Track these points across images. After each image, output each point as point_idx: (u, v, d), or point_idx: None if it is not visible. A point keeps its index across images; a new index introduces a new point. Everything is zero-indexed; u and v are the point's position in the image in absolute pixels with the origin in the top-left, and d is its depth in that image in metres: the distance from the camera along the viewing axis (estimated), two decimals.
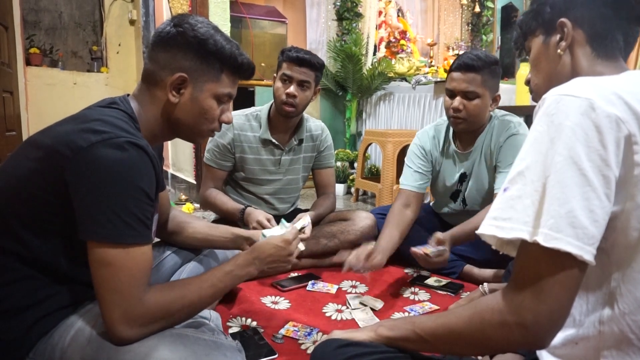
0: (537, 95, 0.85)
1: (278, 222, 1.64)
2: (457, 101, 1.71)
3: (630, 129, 0.58)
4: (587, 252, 0.57)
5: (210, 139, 1.90)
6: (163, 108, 0.98)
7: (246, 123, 1.94)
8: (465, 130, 1.80)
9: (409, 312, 1.57)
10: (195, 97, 0.98)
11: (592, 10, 0.74)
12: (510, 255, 0.67)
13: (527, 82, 0.87)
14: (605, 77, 0.67)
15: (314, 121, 2.10)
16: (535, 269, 0.59)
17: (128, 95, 1.00)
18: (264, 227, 1.65)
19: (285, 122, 1.93)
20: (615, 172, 0.58)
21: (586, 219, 0.57)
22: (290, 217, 2.02)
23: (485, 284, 1.01)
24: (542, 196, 0.59)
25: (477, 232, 0.65)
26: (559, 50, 0.77)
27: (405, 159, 1.97)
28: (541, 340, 0.60)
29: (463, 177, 1.89)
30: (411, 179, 1.90)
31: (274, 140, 1.94)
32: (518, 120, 1.81)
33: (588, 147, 0.58)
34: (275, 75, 1.91)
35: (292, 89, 1.82)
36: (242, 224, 1.77)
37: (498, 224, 0.62)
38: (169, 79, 0.96)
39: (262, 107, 1.99)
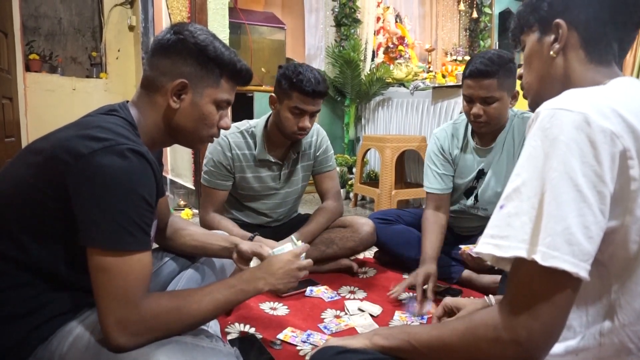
0: (527, 92, 0.84)
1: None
2: (477, 108, 1.69)
3: (625, 143, 0.58)
4: (582, 269, 0.56)
5: (207, 160, 1.85)
6: (163, 114, 0.99)
7: (243, 141, 1.85)
8: (488, 131, 1.79)
9: (408, 318, 1.57)
10: (196, 103, 1.00)
11: (589, 13, 0.72)
12: (506, 270, 0.66)
13: (520, 77, 0.86)
14: (599, 89, 0.66)
15: None
16: (530, 286, 0.59)
17: (127, 102, 1.01)
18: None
19: (284, 139, 1.85)
20: (610, 188, 0.58)
21: (582, 235, 0.57)
22: (290, 224, 2.02)
23: (491, 296, 1.02)
24: (538, 212, 0.59)
25: (474, 250, 0.65)
26: (551, 52, 0.76)
27: (426, 161, 1.96)
28: (535, 357, 0.60)
29: (481, 174, 1.88)
30: (436, 182, 1.90)
31: (271, 159, 1.87)
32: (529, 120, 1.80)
33: (583, 163, 0.57)
34: (274, 95, 1.79)
35: (307, 122, 1.74)
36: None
37: (496, 242, 0.62)
38: (169, 85, 0.96)
39: (256, 123, 1.88)
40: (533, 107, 0.83)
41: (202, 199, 1.92)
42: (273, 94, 1.79)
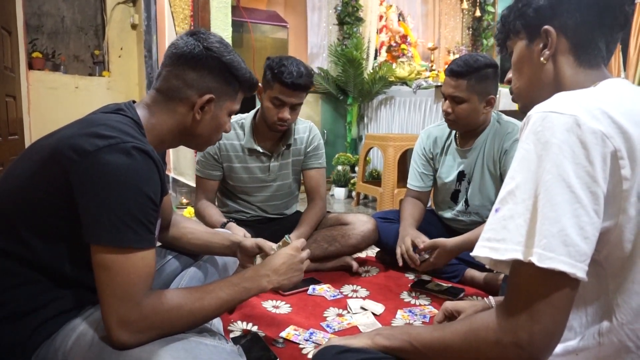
0: (517, 97, 0.85)
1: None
2: (446, 104, 1.79)
3: (615, 144, 0.59)
4: (579, 270, 0.57)
5: None
6: (182, 122, 1.02)
7: (232, 132, 1.88)
8: (458, 130, 1.86)
9: (410, 317, 1.57)
10: (216, 115, 1.05)
11: (577, 18, 0.73)
12: (504, 273, 0.67)
13: (508, 82, 0.87)
14: (589, 91, 0.68)
15: (302, 122, 2.02)
16: (529, 288, 0.60)
17: (133, 101, 1.01)
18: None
19: (271, 131, 1.87)
20: (603, 188, 0.59)
21: (577, 236, 0.57)
22: (289, 220, 2.02)
23: (491, 298, 1.02)
24: (533, 215, 0.60)
25: (471, 254, 0.66)
26: (542, 59, 0.77)
27: (412, 158, 2.08)
28: (537, 359, 0.60)
29: (461, 176, 1.91)
30: (415, 180, 2.04)
31: (259, 149, 1.89)
32: (520, 124, 1.82)
33: (575, 164, 0.58)
34: (260, 84, 1.79)
35: (286, 114, 1.76)
36: None
37: (492, 245, 0.62)
38: (197, 99, 1.00)
39: (246, 115, 1.93)
40: (525, 112, 0.84)
41: (195, 188, 1.97)
42: (260, 84, 1.82)
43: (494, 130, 1.84)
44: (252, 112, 1.94)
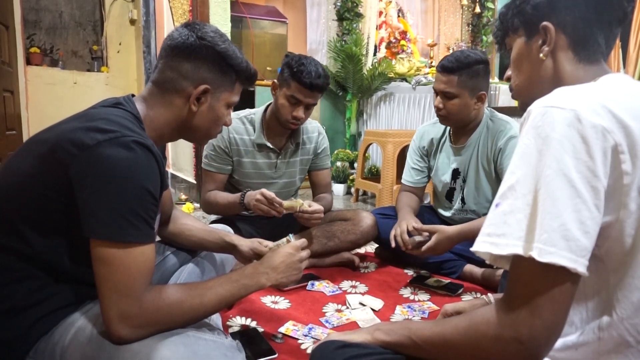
0: (517, 95, 0.85)
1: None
2: (437, 100, 1.80)
3: (616, 138, 0.59)
4: (580, 264, 0.57)
5: (207, 144, 1.90)
6: (179, 115, 1.01)
7: (241, 126, 1.89)
8: (450, 126, 1.88)
9: (409, 313, 1.57)
10: (212, 106, 1.03)
11: (575, 14, 0.73)
12: (504, 269, 0.67)
13: (508, 79, 0.87)
14: (590, 86, 0.68)
15: (310, 122, 2.04)
16: (529, 283, 0.59)
17: (132, 95, 1.01)
18: (267, 198, 1.65)
19: (282, 128, 1.89)
20: (603, 183, 0.59)
21: (578, 230, 0.57)
22: (291, 218, 2.03)
23: (490, 295, 1.02)
24: (533, 210, 0.59)
25: (471, 249, 0.65)
26: (541, 55, 0.77)
27: (407, 155, 2.09)
28: (537, 355, 0.60)
29: (456, 174, 1.91)
30: (409, 176, 2.07)
31: (269, 145, 1.89)
32: (513, 121, 1.83)
33: (576, 159, 0.58)
34: (276, 81, 1.83)
35: (300, 112, 1.78)
36: (246, 210, 1.76)
37: (492, 240, 0.62)
38: (192, 90, 0.99)
39: (256, 110, 1.94)
40: (524, 108, 0.84)
41: (202, 181, 1.96)
42: (275, 80, 1.84)
43: (486, 127, 1.84)
44: (262, 107, 1.93)
